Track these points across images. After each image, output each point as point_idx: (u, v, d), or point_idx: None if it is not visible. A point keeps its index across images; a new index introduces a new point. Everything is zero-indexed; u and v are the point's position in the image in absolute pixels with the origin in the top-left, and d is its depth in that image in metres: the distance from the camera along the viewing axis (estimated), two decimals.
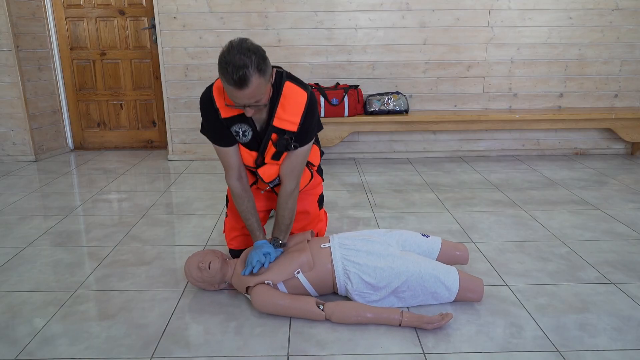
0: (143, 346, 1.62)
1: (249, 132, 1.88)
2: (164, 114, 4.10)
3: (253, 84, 1.59)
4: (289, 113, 1.84)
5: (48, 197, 3.18)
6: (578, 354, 1.56)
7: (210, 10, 3.83)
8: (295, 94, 1.84)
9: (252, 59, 1.58)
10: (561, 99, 4.10)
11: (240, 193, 1.97)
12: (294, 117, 1.84)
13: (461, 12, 3.87)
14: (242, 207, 1.98)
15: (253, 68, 1.57)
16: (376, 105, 3.86)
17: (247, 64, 1.56)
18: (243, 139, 1.90)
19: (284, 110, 1.83)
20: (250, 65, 1.57)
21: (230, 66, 1.56)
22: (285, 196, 1.96)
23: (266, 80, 1.66)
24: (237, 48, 1.59)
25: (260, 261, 1.82)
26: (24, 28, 3.95)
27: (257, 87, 1.61)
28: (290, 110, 1.84)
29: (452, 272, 1.82)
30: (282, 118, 1.84)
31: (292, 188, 1.96)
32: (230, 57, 1.57)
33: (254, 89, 1.61)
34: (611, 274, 2.07)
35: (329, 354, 1.57)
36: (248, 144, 1.92)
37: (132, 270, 2.16)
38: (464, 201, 3.02)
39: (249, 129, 1.88)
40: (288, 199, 1.96)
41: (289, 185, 1.96)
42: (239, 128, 1.87)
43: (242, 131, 1.88)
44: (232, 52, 1.58)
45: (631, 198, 3.04)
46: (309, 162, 2.12)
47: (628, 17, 3.91)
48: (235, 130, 1.88)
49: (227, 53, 1.59)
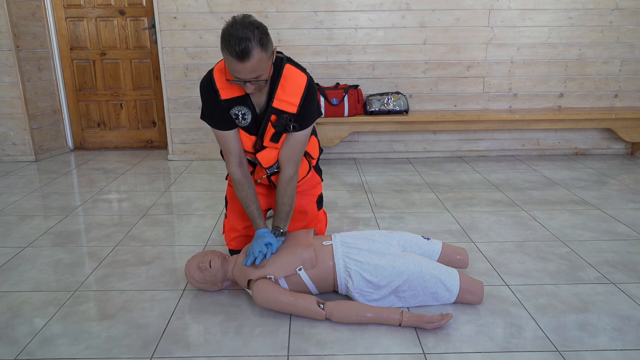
0: (143, 346, 1.62)
1: (249, 115, 1.89)
2: (164, 114, 4.10)
3: (255, 57, 1.61)
4: (289, 94, 1.85)
5: (48, 197, 3.18)
6: (578, 354, 1.56)
7: (210, 10, 3.83)
8: (295, 76, 1.86)
9: (255, 32, 1.61)
10: (561, 99, 4.10)
11: (240, 179, 1.98)
12: (294, 99, 1.85)
13: (461, 12, 3.87)
14: (243, 194, 1.98)
15: (255, 41, 1.60)
16: (376, 105, 3.86)
17: (250, 37, 1.59)
18: (242, 122, 1.90)
19: (284, 91, 1.84)
20: (253, 39, 1.59)
21: (233, 38, 1.58)
22: (284, 183, 1.97)
23: (267, 56, 1.67)
24: (240, 22, 1.62)
25: (262, 252, 1.82)
26: (24, 28, 3.95)
27: (258, 60, 1.63)
28: (290, 91, 1.85)
29: (453, 273, 1.82)
30: (282, 99, 1.85)
31: (291, 174, 1.97)
32: (233, 30, 1.60)
33: (255, 62, 1.63)
34: (611, 274, 2.07)
35: (329, 354, 1.57)
36: (247, 127, 1.92)
37: (132, 270, 2.16)
38: (464, 201, 3.02)
39: (248, 112, 1.88)
40: (287, 186, 1.97)
41: (287, 171, 1.96)
42: (238, 111, 1.88)
43: (242, 114, 1.88)
44: (235, 26, 1.61)
45: (631, 198, 3.04)
46: (307, 154, 2.12)
47: (628, 17, 3.91)
48: (234, 113, 1.88)
49: (230, 27, 1.62)
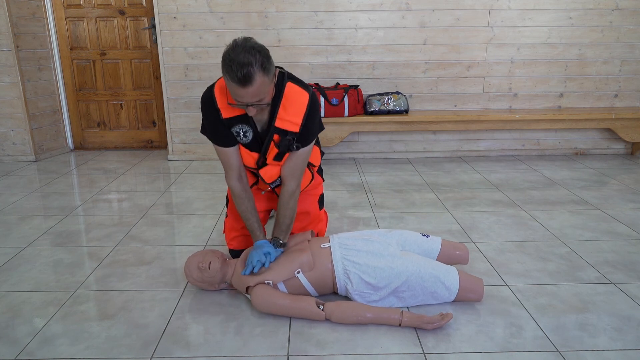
0: (143, 346, 1.62)
1: (250, 133, 1.88)
2: (164, 114, 4.10)
3: (257, 82, 1.60)
4: (291, 114, 1.84)
5: (48, 197, 3.18)
6: (578, 354, 1.55)
7: (211, 10, 3.83)
8: (297, 95, 1.84)
9: (257, 57, 1.58)
10: (561, 99, 4.10)
11: (240, 193, 1.98)
12: (296, 118, 1.84)
13: (461, 12, 3.87)
14: (242, 208, 1.98)
15: (257, 66, 1.58)
16: (376, 105, 3.86)
17: (252, 62, 1.57)
18: (244, 139, 1.90)
19: (286, 111, 1.83)
20: (255, 64, 1.58)
21: (235, 64, 1.56)
22: (286, 197, 1.96)
23: (269, 80, 1.66)
24: (242, 46, 1.60)
25: (260, 261, 1.82)
26: (24, 28, 3.95)
27: (260, 85, 1.62)
28: (292, 111, 1.84)
29: (452, 272, 1.82)
30: (284, 119, 1.84)
31: (294, 188, 1.97)
32: (234, 55, 1.58)
33: (257, 87, 1.61)
34: (611, 274, 2.07)
35: (329, 354, 1.57)
36: (249, 144, 1.92)
37: (132, 270, 2.16)
38: (464, 201, 3.02)
39: (249, 129, 1.88)
40: (289, 200, 1.96)
41: (290, 186, 1.96)
42: (239, 129, 1.87)
43: (243, 132, 1.88)
44: (237, 50, 1.59)
45: (631, 198, 3.04)
46: (309, 163, 2.12)
47: (628, 17, 3.91)
48: (236, 131, 1.88)
49: (231, 51, 1.60)
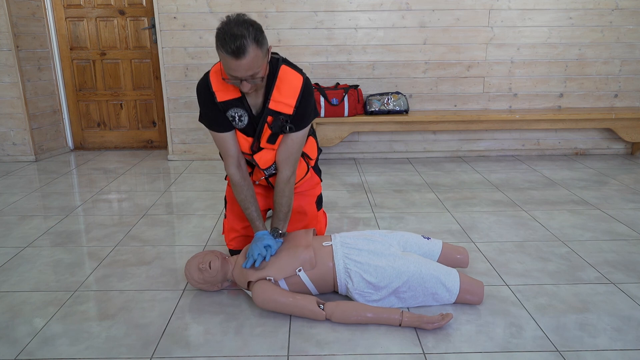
0: (143, 346, 1.62)
1: (245, 117, 1.89)
2: (164, 114, 4.10)
3: (250, 54, 1.62)
4: (285, 95, 1.85)
5: (48, 197, 3.18)
6: (578, 354, 1.56)
7: (210, 10, 3.83)
8: (291, 77, 1.86)
9: (250, 30, 1.61)
10: (561, 99, 4.10)
11: (239, 181, 1.98)
12: (290, 100, 1.85)
13: (461, 12, 3.87)
14: (242, 196, 1.99)
15: (250, 38, 1.61)
16: (376, 105, 3.86)
17: (245, 34, 1.60)
18: (239, 124, 1.91)
19: (280, 92, 1.85)
20: (248, 36, 1.60)
21: (228, 36, 1.59)
22: (281, 184, 1.97)
23: (263, 53, 1.68)
24: (235, 21, 1.63)
25: (261, 254, 1.82)
26: (24, 28, 3.95)
27: (254, 58, 1.64)
28: (286, 93, 1.85)
29: (453, 273, 1.82)
30: (278, 100, 1.85)
31: (289, 175, 1.97)
32: (228, 28, 1.61)
33: (251, 59, 1.63)
34: (611, 274, 2.07)
35: (329, 354, 1.57)
36: (244, 129, 1.93)
37: (132, 270, 2.16)
38: (464, 201, 3.02)
39: (244, 113, 1.88)
40: (284, 187, 1.97)
41: (285, 173, 1.97)
42: (234, 112, 1.88)
43: (238, 116, 1.89)
44: (230, 24, 1.62)
45: (631, 198, 3.04)
46: (305, 154, 2.12)
47: (628, 17, 3.91)
48: (231, 115, 1.89)
49: (225, 25, 1.63)
